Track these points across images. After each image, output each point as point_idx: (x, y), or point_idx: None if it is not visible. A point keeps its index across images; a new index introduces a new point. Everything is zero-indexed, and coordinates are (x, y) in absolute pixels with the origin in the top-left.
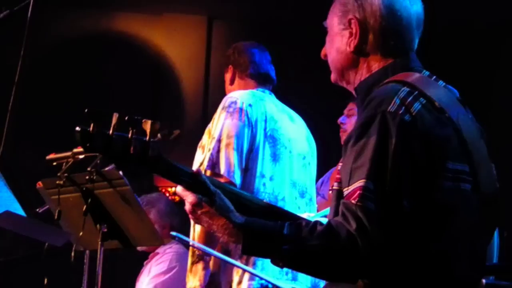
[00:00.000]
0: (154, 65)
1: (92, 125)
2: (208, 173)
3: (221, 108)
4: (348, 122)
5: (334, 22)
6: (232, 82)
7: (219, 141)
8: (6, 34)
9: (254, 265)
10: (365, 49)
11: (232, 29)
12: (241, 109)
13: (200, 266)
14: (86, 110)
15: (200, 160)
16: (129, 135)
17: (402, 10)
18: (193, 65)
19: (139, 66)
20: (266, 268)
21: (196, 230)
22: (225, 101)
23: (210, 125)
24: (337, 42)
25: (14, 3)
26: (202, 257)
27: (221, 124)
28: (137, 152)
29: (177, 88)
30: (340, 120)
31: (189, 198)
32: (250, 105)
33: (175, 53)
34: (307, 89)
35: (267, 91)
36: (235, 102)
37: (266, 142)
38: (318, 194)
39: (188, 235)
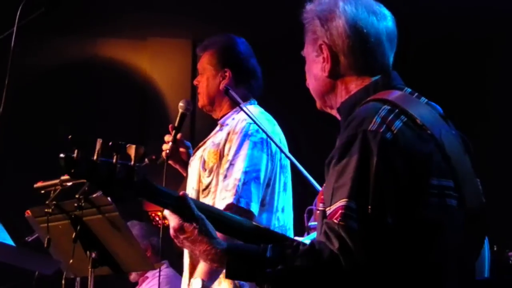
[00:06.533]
0: (140, 90)
1: (76, 152)
2: (232, 206)
3: (243, 134)
4: None
5: (309, 50)
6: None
7: (245, 173)
8: None
9: None
10: (339, 71)
11: None
12: (266, 141)
13: None
14: (69, 137)
15: (206, 183)
16: (114, 160)
17: (368, 27)
18: (179, 89)
19: (125, 91)
20: None
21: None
22: (247, 127)
23: (219, 147)
24: (314, 69)
25: None
26: None
27: (245, 153)
28: (122, 176)
29: (163, 112)
30: None
31: (171, 222)
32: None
33: (160, 77)
34: (294, 110)
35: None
36: (258, 131)
37: (281, 173)
38: None
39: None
